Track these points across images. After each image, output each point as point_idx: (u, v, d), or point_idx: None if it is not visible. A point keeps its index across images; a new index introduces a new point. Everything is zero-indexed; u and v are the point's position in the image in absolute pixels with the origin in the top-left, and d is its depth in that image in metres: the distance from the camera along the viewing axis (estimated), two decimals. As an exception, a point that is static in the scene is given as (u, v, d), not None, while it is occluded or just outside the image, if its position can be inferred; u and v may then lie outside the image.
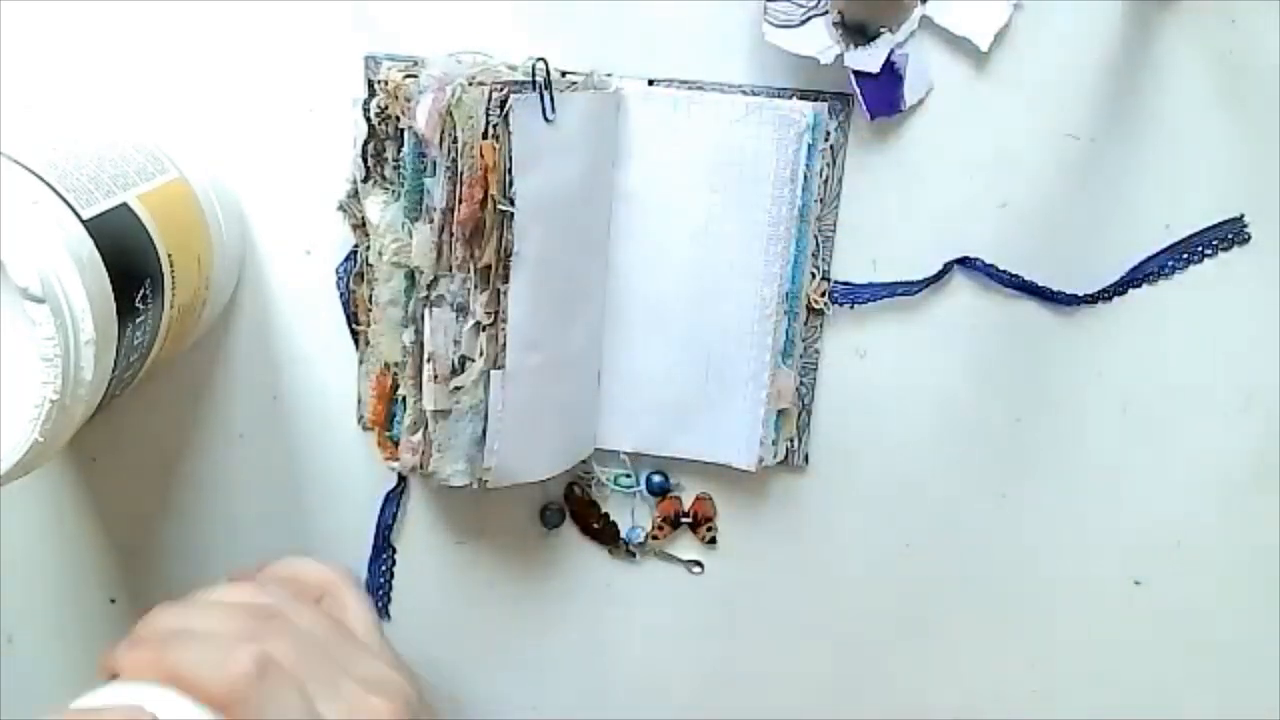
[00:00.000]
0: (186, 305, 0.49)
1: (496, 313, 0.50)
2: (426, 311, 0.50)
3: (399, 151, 0.50)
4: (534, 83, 0.48)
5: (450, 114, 0.47)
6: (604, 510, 0.59)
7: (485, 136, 0.47)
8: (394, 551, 0.60)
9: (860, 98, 0.51)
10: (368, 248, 0.52)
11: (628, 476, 0.58)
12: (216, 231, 0.52)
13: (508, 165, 0.48)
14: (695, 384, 0.55)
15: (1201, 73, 0.50)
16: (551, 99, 0.48)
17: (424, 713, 0.49)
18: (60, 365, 0.40)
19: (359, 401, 0.57)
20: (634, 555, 0.59)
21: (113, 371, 0.44)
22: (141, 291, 0.45)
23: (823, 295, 0.54)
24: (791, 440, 0.56)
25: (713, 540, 0.59)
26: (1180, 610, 0.58)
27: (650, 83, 0.52)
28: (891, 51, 0.50)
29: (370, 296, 0.53)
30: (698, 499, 0.58)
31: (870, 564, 0.58)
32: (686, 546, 0.59)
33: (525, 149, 0.48)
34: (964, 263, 0.53)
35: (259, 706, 0.41)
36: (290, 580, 0.51)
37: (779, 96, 0.52)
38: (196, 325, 0.53)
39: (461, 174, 0.48)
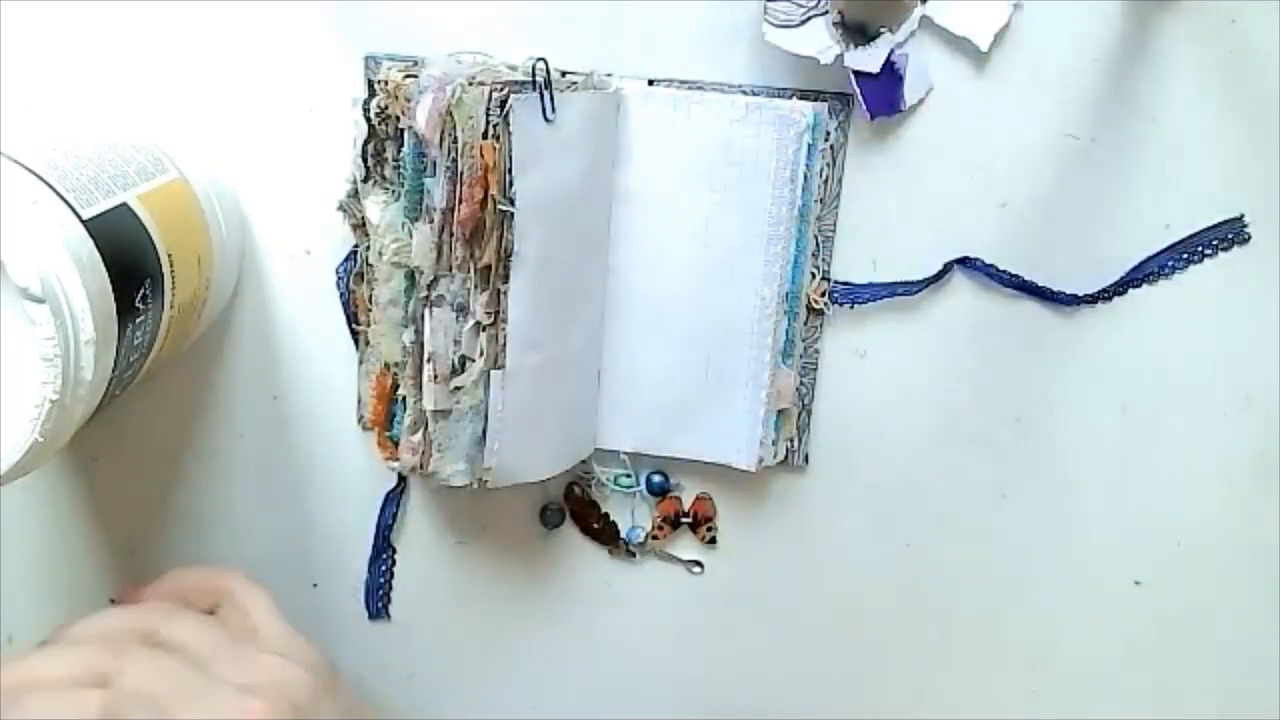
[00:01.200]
0: (186, 305, 0.49)
1: (496, 313, 0.50)
2: (426, 311, 0.50)
3: (399, 151, 0.50)
4: (534, 83, 0.48)
5: (450, 114, 0.47)
6: (604, 510, 0.59)
7: (485, 136, 0.47)
8: (394, 551, 0.60)
9: (860, 98, 0.51)
10: (368, 248, 0.52)
11: (628, 476, 0.58)
12: (216, 231, 0.52)
13: (508, 165, 0.48)
14: (695, 384, 0.55)
15: (1201, 73, 0.50)
16: (551, 99, 0.48)
17: (324, 705, 0.48)
18: (60, 365, 0.40)
19: (359, 401, 0.57)
20: (634, 555, 0.59)
21: (113, 371, 0.44)
22: (141, 291, 0.45)
23: (823, 295, 0.54)
24: (791, 440, 0.56)
25: (713, 540, 0.59)
26: (1180, 610, 0.58)
27: (650, 83, 0.52)
28: (891, 51, 0.50)
29: (370, 296, 0.53)
30: (698, 499, 0.58)
31: (870, 564, 0.58)
32: (686, 546, 0.59)
33: (525, 149, 0.48)
34: (964, 263, 0.53)
35: None
36: (176, 593, 0.51)
37: (779, 96, 0.52)
38: (196, 325, 0.53)
39: (461, 174, 0.48)
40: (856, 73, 0.50)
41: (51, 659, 0.45)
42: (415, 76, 0.48)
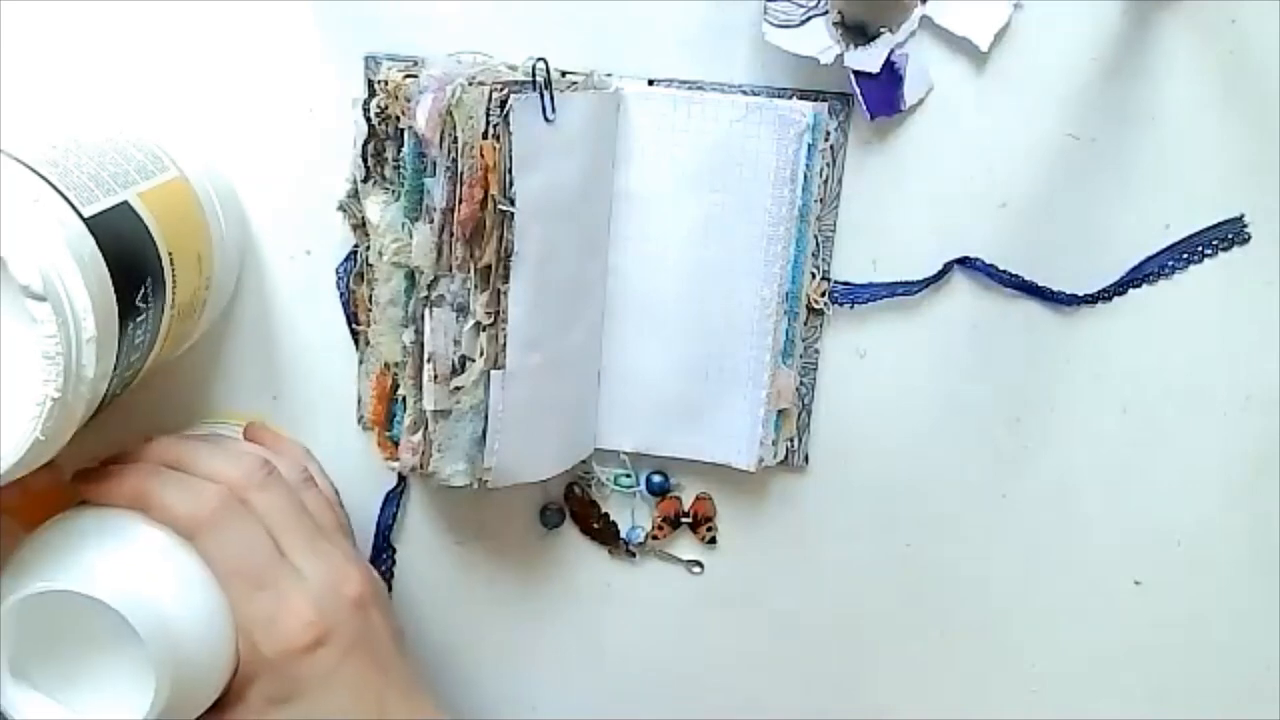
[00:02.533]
0: (186, 305, 0.49)
1: (496, 313, 0.50)
2: (426, 311, 0.50)
3: (399, 151, 0.50)
4: (534, 83, 0.48)
5: (450, 114, 0.47)
6: (604, 510, 0.59)
7: (485, 136, 0.47)
8: (394, 551, 0.60)
9: (860, 98, 0.51)
10: (368, 248, 0.52)
11: (628, 476, 0.58)
12: (216, 230, 0.52)
13: (508, 165, 0.48)
14: (695, 384, 0.55)
15: (1201, 73, 0.51)
16: (551, 99, 0.48)
17: (388, 609, 0.52)
18: (61, 363, 0.40)
19: (359, 401, 0.57)
20: (634, 555, 0.59)
21: (113, 370, 0.44)
22: (142, 290, 0.45)
23: (823, 295, 0.54)
24: (791, 440, 0.56)
25: (713, 540, 0.59)
26: (1180, 610, 0.58)
27: (650, 83, 0.52)
28: (891, 51, 0.50)
29: (370, 296, 0.53)
30: (698, 499, 0.58)
31: (870, 564, 0.58)
32: (686, 546, 0.59)
33: (525, 149, 0.48)
34: (964, 263, 0.53)
35: (220, 535, 0.46)
36: (303, 468, 0.54)
37: (779, 96, 0.52)
38: (196, 325, 0.52)
39: (461, 174, 0.48)
40: (856, 73, 0.51)
41: (216, 451, 0.50)
42: (415, 76, 0.48)
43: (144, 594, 0.43)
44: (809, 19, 0.50)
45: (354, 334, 0.56)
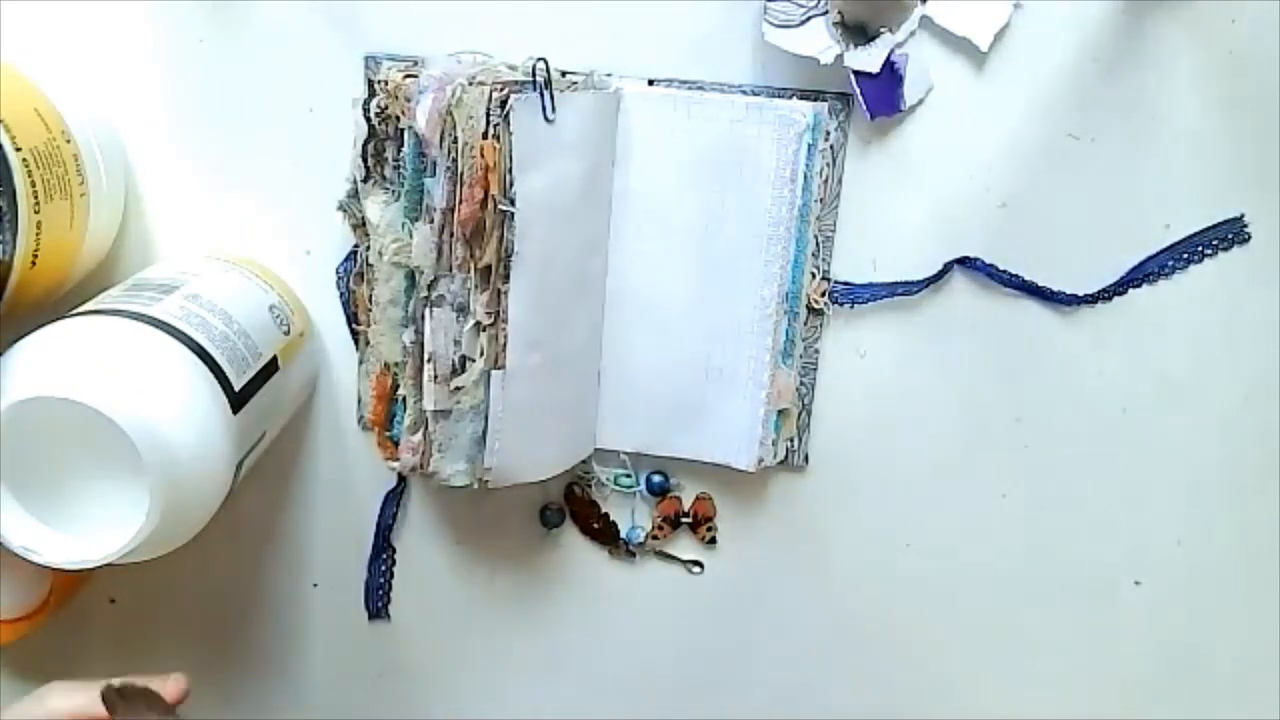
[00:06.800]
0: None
1: (497, 313, 0.50)
2: (426, 311, 0.50)
3: (399, 151, 0.50)
4: (534, 83, 0.48)
5: (450, 114, 0.47)
6: (604, 510, 0.59)
7: (485, 136, 0.47)
8: (394, 551, 0.60)
9: (860, 98, 0.51)
10: (368, 248, 0.52)
11: (628, 476, 0.58)
12: (96, 181, 0.51)
13: (508, 165, 0.48)
14: (695, 384, 0.55)
15: (1201, 73, 0.51)
16: (551, 99, 0.48)
17: None
18: None
19: (359, 401, 0.57)
20: (634, 555, 0.59)
21: None
22: None
23: (823, 295, 0.54)
24: (791, 440, 0.56)
25: (713, 540, 0.59)
26: (1180, 610, 0.58)
27: (650, 83, 0.52)
28: (891, 51, 0.50)
29: (370, 296, 0.53)
30: (698, 499, 0.58)
31: (870, 564, 0.58)
32: (686, 546, 0.59)
33: (525, 149, 0.48)
34: (964, 263, 0.53)
35: None
36: None
37: (779, 96, 0.52)
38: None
39: (462, 174, 0.48)
40: (856, 73, 0.50)
41: None
42: (415, 76, 0.48)
43: (143, 409, 0.40)
44: (809, 19, 0.50)
45: (354, 334, 0.56)
